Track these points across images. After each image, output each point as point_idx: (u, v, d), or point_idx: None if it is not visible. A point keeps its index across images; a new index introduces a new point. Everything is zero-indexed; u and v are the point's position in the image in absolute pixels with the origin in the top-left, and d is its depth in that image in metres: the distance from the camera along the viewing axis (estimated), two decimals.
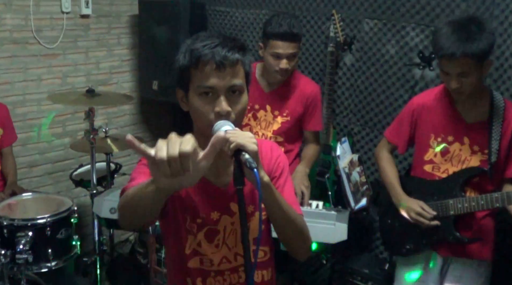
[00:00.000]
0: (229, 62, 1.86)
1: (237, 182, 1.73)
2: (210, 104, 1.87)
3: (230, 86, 1.87)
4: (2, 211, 3.23)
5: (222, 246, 2.08)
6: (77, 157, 4.74)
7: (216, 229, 2.07)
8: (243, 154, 1.70)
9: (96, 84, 4.66)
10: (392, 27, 3.69)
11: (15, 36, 4.39)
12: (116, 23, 4.99)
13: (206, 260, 2.09)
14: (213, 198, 2.06)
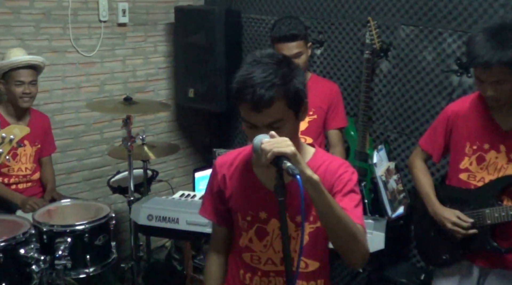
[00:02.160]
0: (264, 103, 1.88)
1: (278, 194, 1.74)
2: (254, 133, 1.91)
3: (269, 124, 1.91)
4: (42, 217, 3.27)
5: (269, 247, 2.14)
6: (114, 164, 4.80)
7: (266, 229, 2.13)
8: (284, 162, 1.70)
9: (133, 91, 4.71)
10: (429, 33, 3.65)
11: (54, 44, 4.46)
12: (153, 31, 5.03)
13: (255, 257, 2.17)
14: (263, 199, 2.11)
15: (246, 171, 2.17)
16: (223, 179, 2.20)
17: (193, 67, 4.79)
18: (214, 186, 2.24)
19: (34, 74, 3.89)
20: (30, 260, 2.95)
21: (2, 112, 3.91)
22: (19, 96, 3.81)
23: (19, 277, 2.97)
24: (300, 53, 3.49)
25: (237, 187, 2.17)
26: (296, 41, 3.48)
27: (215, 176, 2.23)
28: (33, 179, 4.03)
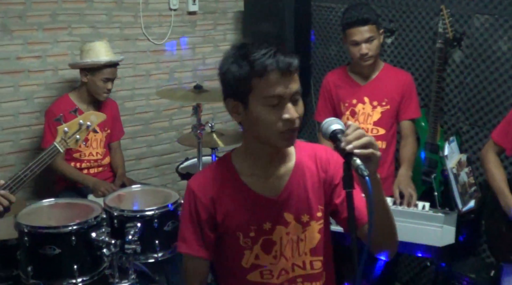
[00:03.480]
0: (292, 69, 1.85)
1: (346, 185, 1.71)
2: (277, 112, 1.86)
3: (294, 93, 1.87)
4: (113, 202, 3.33)
5: (280, 257, 2.05)
6: (183, 151, 4.86)
7: (272, 239, 2.04)
8: (354, 159, 1.67)
9: (201, 79, 4.75)
10: (504, 22, 3.54)
11: (126, 32, 4.55)
12: (222, 19, 5.06)
13: (266, 272, 2.06)
14: (263, 208, 2.03)
15: (236, 185, 2.05)
16: (210, 202, 2.04)
17: None
18: (199, 212, 2.05)
19: (116, 72, 4.04)
20: (101, 244, 3.00)
21: (74, 99, 4.01)
22: (103, 91, 3.93)
23: (90, 260, 3.03)
24: (372, 38, 3.45)
25: (231, 206, 2.04)
26: (368, 25, 3.44)
27: (198, 202, 2.04)
28: (103, 164, 4.13)
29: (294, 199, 2.00)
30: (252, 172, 2.05)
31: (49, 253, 2.91)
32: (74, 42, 4.22)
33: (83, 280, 2.98)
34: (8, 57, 4.06)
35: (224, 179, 2.07)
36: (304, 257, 2.06)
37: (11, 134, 4.17)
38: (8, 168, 4.17)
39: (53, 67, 4.17)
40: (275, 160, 2.03)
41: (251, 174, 2.05)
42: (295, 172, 2.07)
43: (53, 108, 3.94)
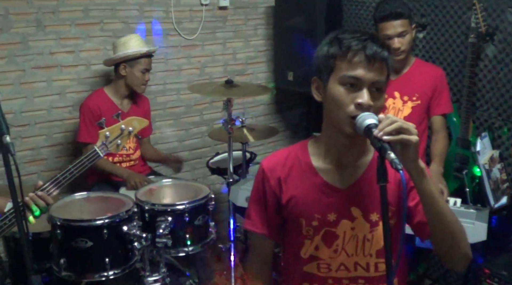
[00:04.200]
0: (378, 57, 1.83)
1: (380, 179, 1.67)
2: (351, 95, 1.84)
3: (375, 81, 1.84)
4: (144, 196, 3.37)
5: (341, 252, 2.02)
6: (213, 145, 4.88)
7: (335, 233, 2.01)
8: (388, 152, 1.64)
9: (232, 74, 4.76)
10: None
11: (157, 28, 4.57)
12: (253, 14, 5.05)
13: (323, 265, 2.04)
14: (330, 198, 2.01)
15: (307, 171, 2.04)
16: (277, 184, 2.06)
17: (292, 50, 4.78)
18: (266, 193, 2.08)
19: (151, 64, 4.08)
20: (133, 237, 3.04)
21: (110, 93, 4.05)
22: (142, 82, 3.99)
23: (122, 253, 3.07)
24: (405, 32, 3.43)
25: (298, 190, 2.04)
26: (401, 19, 3.42)
27: (266, 182, 2.08)
28: (134, 158, 4.16)
29: (365, 195, 1.96)
30: (325, 159, 2.03)
31: (81, 246, 2.96)
32: (106, 37, 4.25)
33: (115, 273, 3.03)
34: (41, 52, 4.11)
35: (295, 162, 2.07)
36: (368, 259, 2.01)
37: (45, 128, 4.22)
38: (41, 162, 4.23)
39: (85, 62, 4.22)
40: (351, 151, 1.99)
41: (324, 161, 2.03)
42: (370, 168, 2.00)
43: (88, 102, 3.99)
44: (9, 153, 1.89)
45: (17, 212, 1.92)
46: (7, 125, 1.96)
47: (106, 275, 3.01)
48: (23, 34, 4.02)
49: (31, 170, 4.15)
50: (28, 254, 1.89)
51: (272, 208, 2.09)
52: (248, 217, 2.17)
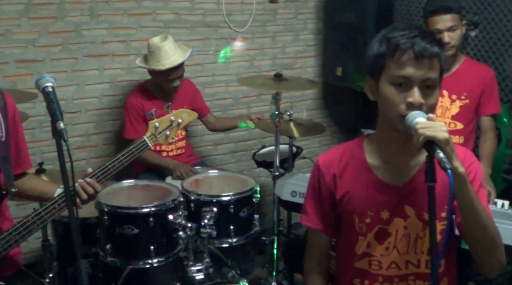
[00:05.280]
0: (427, 54, 1.81)
1: (428, 179, 1.66)
2: (402, 94, 1.83)
3: (425, 79, 1.82)
4: (190, 186, 3.40)
5: (393, 250, 2.02)
6: (260, 138, 4.89)
7: (387, 230, 2.01)
8: (438, 152, 1.63)
9: (281, 68, 4.74)
10: None
11: (208, 19, 4.59)
12: (304, 8, 5.04)
13: (375, 263, 2.04)
14: (384, 195, 2.00)
15: (361, 168, 2.05)
16: (332, 180, 2.08)
17: (342, 46, 4.75)
18: (322, 189, 2.11)
19: (183, 68, 4.04)
20: (178, 227, 3.07)
21: (150, 86, 4.10)
22: (170, 88, 4.00)
23: (167, 241, 3.11)
24: (454, 27, 3.38)
25: (352, 187, 2.05)
26: (451, 13, 3.37)
27: (321, 178, 2.10)
28: (180, 146, 4.19)
29: (419, 193, 1.94)
30: (380, 156, 2.03)
31: (127, 233, 3.00)
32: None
33: (159, 261, 3.06)
34: (94, 41, 4.17)
35: (350, 158, 2.08)
36: (420, 255, 2.00)
37: (95, 115, 4.30)
38: (91, 149, 4.30)
39: (136, 52, 4.26)
40: (404, 149, 1.98)
41: (378, 158, 2.03)
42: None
43: (131, 99, 4.04)
44: (62, 139, 1.92)
45: (68, 197, 1.95)
46: (61, 111, 2.00)
47: (150, 263, 3.05)
48: (77, 23, 4.09)
49: (80, 156, 4.23)
50: (77, 239, 1.92)
51: (328, 203, 2.10)
52: (305, 213, 2.19)
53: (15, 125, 2.44)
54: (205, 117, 4.37)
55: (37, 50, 4.00)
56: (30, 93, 3.58)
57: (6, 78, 3.93)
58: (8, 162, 2.38)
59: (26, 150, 2.55)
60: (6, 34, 3.89)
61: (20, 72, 3.97)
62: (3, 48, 3.90)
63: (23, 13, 3.92)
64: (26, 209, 3.80)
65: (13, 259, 2.50)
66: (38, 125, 4.06)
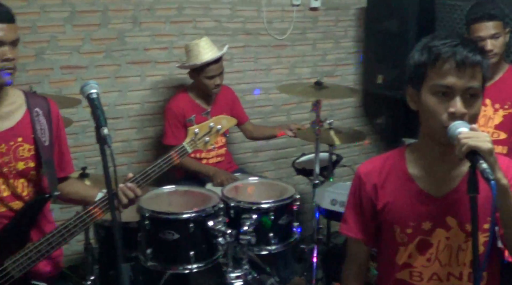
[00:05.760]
0: (469, 63, 1.78)
1: (471, 189, 1.64)
2: (444, 104, 1.81)
3: (468, 88, 1.80)
4: (230, 193, 3.40)
5: (434, 261, 1.99)
6: (299, 146, 4.88)
7: (429, 241, 1.98)
8: (480, 162, 1.61)
9: (321, 75, 4.72)
10: None
11: (248, 27, 4.62)
12: (344, 15, 5.03)
13: (416, 274, 2.01)
14: (426, 206, 1.98)
15: (403, 178, 2.03)
16: (373, 189, 2.06)
17: (383, 53, 4.73)
18: (362, 198, 2.09)
19: (222, 65, 4.05)
20: (217, 233, 3.07)
21: (190, 93, 4.12)
22: (212, 87, 4.00)
23: (206, 247, 3.11)
24: (498, 35, 3.32)
25: (393, 197, 2.02)
26: (494, 20, 3.31)
27: (362, 187, 2.08)
28: (220, 154, 4.21)
29: (461, 204, 1.91)
30: (421, 167, 2.01)
31: (167, 238, 3.02)
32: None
33: (198, 267, 3.08)
34: (136, 48, 4.23)
35: (392, 168, 2.06)
36: (462, 268, 1.98)
37: (137, 121, 4.35)
38: (132, 154, 4.36)
39: (177, 59, 4.30)
40: (447, 159, 1.95)
41: (420, 169, 2.01)
42: None
43: (171, 105, 4.07)
44: (106, 144, 1.95)
45: (110, 201, 1.98)
46: (105, 117, 2.03)
47: (189, 268, 3.06)
48: (120, 30, 4.16)
49: (122, 161, 4.28)
50: (119, 242, 1.94)
51: (368, 213, 2.09)
52: (345, 222, 2.17)
53: (59, 131, 2.50)
54: (243, 125, 4.38)
55: (81, 57, 4.08)
56: (74, 99, 3.65)
57: (51, 84, 4.01)
58: (51, 166, 2.43)
59: (69, 154, 2.61)
60: (51, 41, 3.97)
61: (65, 78, 4.06)
62: (48, 54, 3.98)
63: (68, 21, 4.00)
64: (69, 213, 3.84)
65: (55, 261, 2.56)
66: (81, 130, 4.13)
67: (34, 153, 2.38)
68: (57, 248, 2.36)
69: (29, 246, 2.32)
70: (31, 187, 2.43)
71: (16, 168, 2.36)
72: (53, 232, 2.33)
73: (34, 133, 2.38)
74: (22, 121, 2.38)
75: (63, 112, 2.59)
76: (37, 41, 3.95)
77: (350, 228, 2.15)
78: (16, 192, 2.38)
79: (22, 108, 2.40)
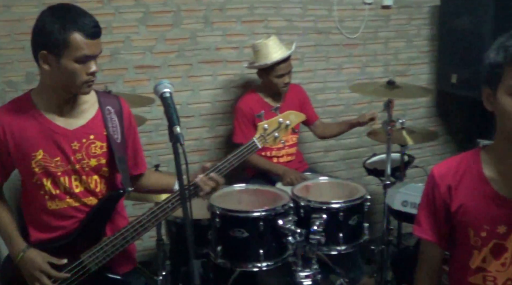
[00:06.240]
0: None
1: None
2: None
3: None
4: (300, 192, 3.40)
5: (509, 266, 1.95)
6: (370, 146, 4.83)
7: (504, 245, 1.94)
8: None
9: (393, 74, 4.70)
10: None
11: (319, 26, 4.61)
12: (417, 14, 4.95)
13: (490, 278, 1.98)
14: (501, 209, 1.93)
15: (477, 180, 1.98)
16: (447, 191, 2.02)
17: (457, 52, 4.62)
18: (436, 200, 2.06)
19: (291, 64, 4.05)
20: (287, 232, 3.07)
21: (259, 92, 4.13)
22: (281, 86, 4.01)
23: (276, 246, 3.11)
24: None
25: (467, 199, 1.98)
26: None
27: (436, 189, 2.05)
28: (290, 152, 4.20)
29: None
30: (497, 169, 1.97)
31: (237, 236, 3.04)
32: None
33: (268, 265, 3.08)
34: (208, 48, 4.28)
35: (466, 170, 2.03)
36: None
37: (208, 120, 4.41)
38: (203, 152, 4.42)
39: (248, 58, 4.32)
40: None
41: (496, 170, 1.97)
42: None
43: (240, 104, 4.10)
44: (179, 142, 1.98)
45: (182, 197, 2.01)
46: (178, 116, 2.06)
47: (259, 266, 3.07)
48: (192, 30, 4.22)
49: (194, 159, 4.35)
50: (190, 239, 1.97)
51: (442, 215, 2.06)
52: (418, 223, 2.15)
53: (131, 129, 2.56)
54: (313, 124, 4.36)
55: (154, 57, 4.16)
56: (147, 98, 3.72)
57: (125, 83, 4.11)
58: (124, 163, 2.49)
59: (142, 152, 2.67)
60: (126, 41, 4.07)
61: (139, 77, 4.15)
62: (123, 54, 4.08)
63: (141, 21, 4.08)
64: (142, 209, 3.93)
65: (129, 256, 2.62)
66: (154, 128, 4.22)
67: (106, 150, 2.44)
68: (131, 242, 2.43)
69: (105, 240, 2.39)
70: (103, 184, 2.49)
71: (89, 165, 2.42)
72: (127, 227, 2.40)
73: (106, 130, 2.44)
74: (94, 119, 2.44)
75: (137, 110, 2.65)
76: (112, 41, 4.05)
77: (423, 230, 2.12)
78: (89, 188, 2.45)
79: (94, 107, 2.46)
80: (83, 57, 2.20)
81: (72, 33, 2.16)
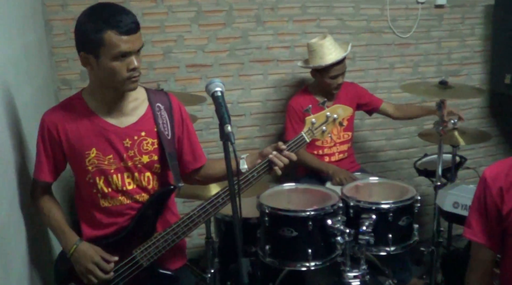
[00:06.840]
0: None
1: None
2: None
3: None
4: (350, 192, 3.39)
5: None
6: (421, 146, 4.79)
7: None
8: None
9: (445, 74, 4.62)
10: None
11: (372, 25, 4.59)
12: (471, 13, 4.87)
13: None
14: None
15: None
16: (499, 193, 2.00)
17: (511, 52, 4.54)
18: (487, 202, 2.04)
19: (345, 65, 4.03)
20: (336, 232, 3.06)
21: (312, 90, 4.14)
22: (333, 87, 4.01)
23: (324, 245, 3.10)
24: None
25: None
26: None
27: (487, 191, 2.03)
28: (341, 150, 4.20)
29: None
30: None
31: (286, 235, 3.05)
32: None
33: (316, 264, 3.08)
34: (260, 47, 4.31)
35: None
36: None
37: (259, 119, 4.44)
38: (254, 151, 4.39)
39: (300, 57, 4.33)
40: None
41: None
42: None
43: (292, 102, 4.10)
44: (229, 141, 2.00)
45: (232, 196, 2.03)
46: (229, 115, 2.09)
47: (307, 266, 3.07)
48: (243, 29, 4.25)
49: None
50: (239, 237, 1.99)
51: (493, 218, 2.04)
52: (469, 226, 2.13)
53: (184, 123, 2.58)
54: (379, 108, 4.31)
55: (206, 55, 4.21)
56: (199, 97, 3.77)
57: (177, 82, 4.17)
58: (174, 159, 2.52)
59: (199, 145, 2.68)
60: (178, 40, 4.12)
61: (190, 76, 4.20)
62: (175, 53, 4.14)
63: (194, 20, 4.13)
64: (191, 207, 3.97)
65: (180, 252, 2.66)
66: (205, 126, 4.26)
67: (157, 147, 2.48)
68: (182, 237, 2.47)
69: (156, 236, 2.44)
70: (156, 180, 2.53)
71: (141, 161, 2.46)
72: (178, 222, 2.44)
73: (156, 127, 2.47)
74: (145, 116, 2.48)
75: (188, 109, 2.67)
76: (164, 40, 4.12)
77: (474, 233, 2.11)
78: (141, 185, 2.50)
79: (144, 104, 2.50)
80: (120, 54, 2.22)
81: (105, 31, 2.18)
